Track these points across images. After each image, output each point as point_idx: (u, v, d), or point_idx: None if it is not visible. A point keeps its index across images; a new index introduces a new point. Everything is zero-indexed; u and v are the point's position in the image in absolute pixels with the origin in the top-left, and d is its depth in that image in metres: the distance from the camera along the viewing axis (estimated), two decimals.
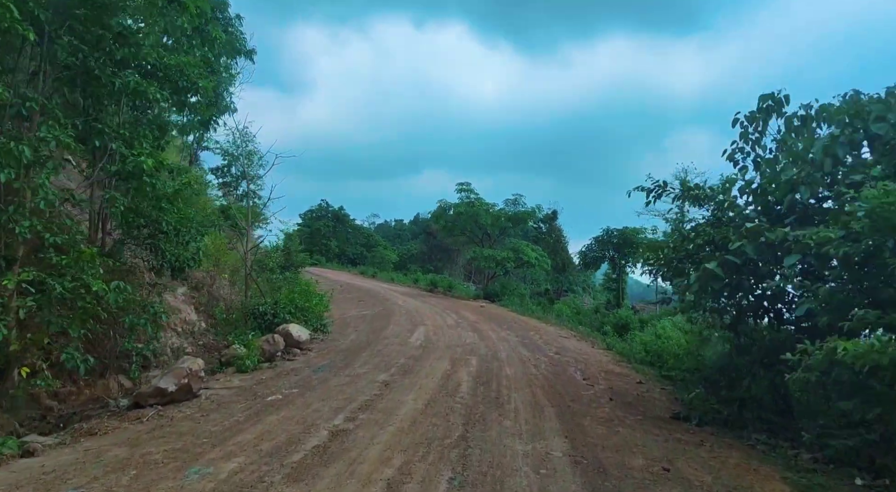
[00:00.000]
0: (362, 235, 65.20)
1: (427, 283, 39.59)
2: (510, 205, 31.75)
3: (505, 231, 32.70)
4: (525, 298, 27.91)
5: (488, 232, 32.14)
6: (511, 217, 31.60)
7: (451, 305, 25.97)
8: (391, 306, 23.41)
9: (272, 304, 13.94)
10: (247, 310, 13.72)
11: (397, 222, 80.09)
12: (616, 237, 25.66)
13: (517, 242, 31.41)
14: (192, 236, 10.53)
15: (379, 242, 66.19)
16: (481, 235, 32.45)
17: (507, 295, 29.63)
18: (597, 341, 16.60)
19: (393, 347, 13.04)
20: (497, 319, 21.16)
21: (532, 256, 30.27)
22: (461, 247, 40.37)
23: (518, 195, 31.54)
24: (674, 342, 12.91)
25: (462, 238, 35.02)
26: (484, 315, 22.15)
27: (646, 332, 19.32)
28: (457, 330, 16.81)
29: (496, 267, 30.09)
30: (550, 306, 30.44)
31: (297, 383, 9.24)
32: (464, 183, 32.08)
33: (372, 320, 18.80)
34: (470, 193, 32.02)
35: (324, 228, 62.14)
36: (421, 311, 22.10)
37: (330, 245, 61.22)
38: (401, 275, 47.94)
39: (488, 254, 29.33)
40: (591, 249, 26.99)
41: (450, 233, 33.70)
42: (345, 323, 18.08)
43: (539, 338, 16.36)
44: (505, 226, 31.83)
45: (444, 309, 23.46)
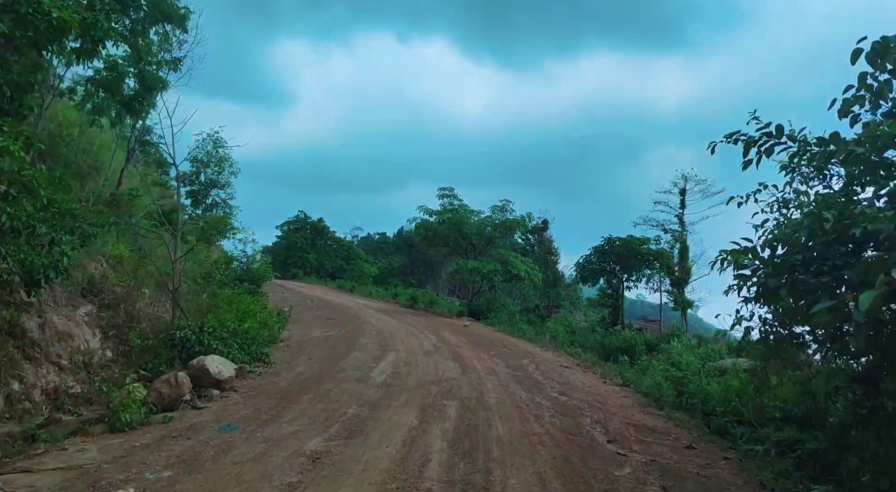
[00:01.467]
0: (343, 248, 62.30)
1: (407, 298, 36.60)
2: (497, 212, 28.72)
3: (492, 241, 29.67)
4: (514, 316, 24.85)
5: (473, 242, 29.08)
6: (498, 225, 28.59)
7: (432, 323, 22.87)
8: (362, 326, 20.30)
9: (196, 328, 10.74)
10: (166, 335, 10.52)
11: (381, 236, 77.30)
12: (619, 247, 22.72)
13: (505, 252, 28.40)
14: (57, 237, 7.39)
15: (359, 255, 63.18)
16: (466, 246, 29.40)
17: (494, 312, 26.58)
18: (607, 373, 13.52)
19: (347, 386, 9.88)
20: (483, 341, 18.06)
21: (522, 268, 27.27)
22: (444, 259, 37.35)
23: (506, 201, 28.58)
24: (709, 378, 9.90)
25: (445, 249, 31.94)
26: (468, 336, 19.05)
27: (657, 358, 16.41)
28: (434, 358, 13.68)
29: (482, 281, 27.02)
30: (542, 325, 27.45)
31: (181, 456, 6.03)
32: (446, 188, 29.10)
33: (335, 344, 15.65)
34: (453, 199, 29.01)
35: (301, 240, 59.13)
36: (395, 332, 18.97)
37: (308, 258, 58.35)
38: (381, 289, 45.07)
39: (473, 266, 26.26)
40: (589, 260, 24.01)
41: (431, 243, 30.58)
42: (300, 348, 14.94)
43: (535, 368, 13.27)
44: (492, 235, 28.79)
45: (422, 329, 20.35)
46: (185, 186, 43.14)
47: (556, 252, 35.81)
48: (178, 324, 10.79)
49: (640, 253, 22.23)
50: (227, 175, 44.98)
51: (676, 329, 20.87)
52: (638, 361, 17.33)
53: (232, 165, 46.61)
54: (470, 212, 28.78)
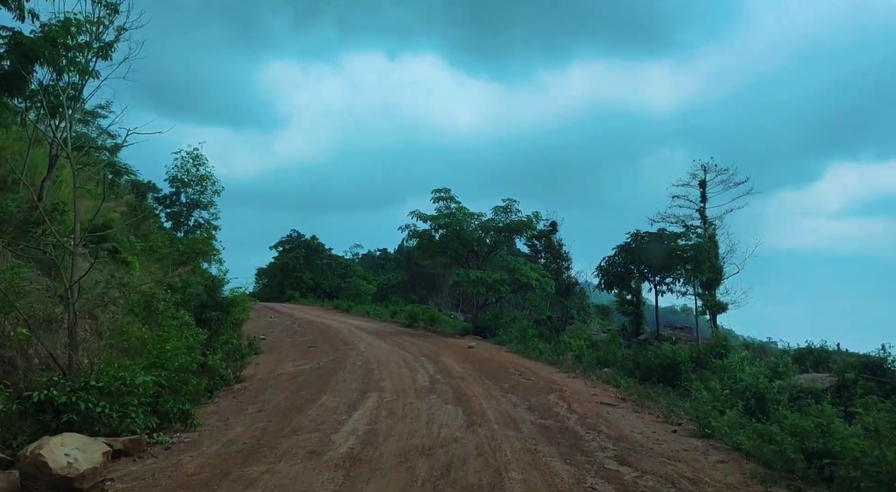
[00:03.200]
0: (340, 267, 59.02)
1: (406, 316, 33.11)
2: (500, 214, 25.18)
3: (496, 247, 26.14)
4: (527, 332, 21.23)
5: (475, 249, 25.51)
6: (503, 229, 25.04)
7: (431, 346, 19.31)
8: (347, 354, 16.87)
9: (77, 384, 7.20)
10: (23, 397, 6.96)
11: (381, 252, 74.19)
12: (650, 244, 18.96)
13: (512, 259, 24.83)
14: None
15: (357, 272, 59.82)
16: (467, 254, 25.85)
17: (503, 328, 22.97)
18: (671, 414, 9.85)
19: (288, 468, 6.30)
20: (493, 368, 14.48)
21: (532, 276, 23.67)
22: (443, 270, 33.83)
23: (510, 201, 24.99)
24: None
25: (444, 259, 28.39)
26: (474, 362, 15.48)
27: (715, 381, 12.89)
28: (429, 400, 10.10)
29: (487, 292, 23.44)
30: (557, 340, 23.86)
31: None
32: (442, 190, 25.56)
33: (304, 384, 12.21)
34: (450, 202, 25.49)
35: (295, 260, 55.86)
36: (385, 360, 15.46)
37: (303, 278, 55.28)
38: (379, 308, 41.58)
39: (476, 276, 22.67)
40: (613, 262, 20.30)
41: (428, 253, 27.04)
42: (258, 391, 11.52)
43: (567, 410, 9.68)
44: (496, 240, 25.23)
45: (418, 355, 16.80)
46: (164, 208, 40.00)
47: (568, 257, 32.11)
48: (38, 379, 7.24)
49: (676, 249, 18.60)
50: (209, 194, 41.82)
51: (723, 339, 17.26)
52: (687, 383, 13.80)
53: (214, 183, 43.13)
54: (470, 215, 25.27)
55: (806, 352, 17.27)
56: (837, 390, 12.20)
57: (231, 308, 18.65)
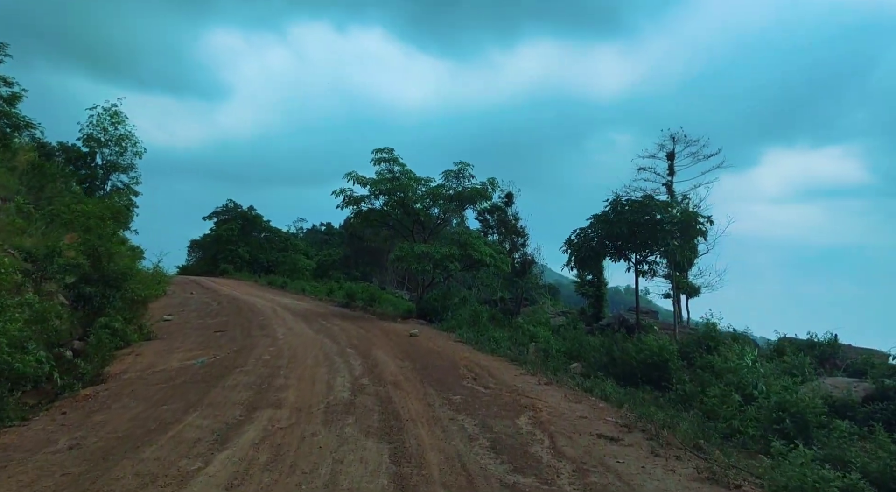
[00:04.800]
0: (279, 240, 54.96)
1: (343, 295, 29.76)
2: (452, 179, 21.81)
3: (446, 218, 22.85)
4: (480, 316, 18.06)
5: (421, 219, 22.15)
6: (455, 197, 21.71)
7: (365, 333, 15.96)
8: (257, 343, 13.45)
9: None
10: None
11: (326, 226, 70.16)
12: (631, 214, 15.69)
13: (464, 232, 21.58)
14: None
15: (298, 247, 55.94)
16: (412, 225, 22.47)
17: (452, 310, 19.80)
18: (715, 463, 6.67)
19: None
20: (439, 369, 11.20)
21: (486, 252, 20.50)
22: (385, 244, 30.40)
23: (463, 164, 21.59)
24: None
25: (386, 231, 24.89)
26: (415, 357, 12.21)
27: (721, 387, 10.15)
28: (341, 431, 6.74)
29: (434, 270, 20.15)
30: (513, 324, 20.90)
31: None
32: (384, 149, 21.95)
33: (177, 389, 8.75)
34: (393, 164, 21.94)
35: (228, 232, 51.47)
36: (301, 355, 12.06)
37: (238, 252, 51.06)
38: (317, 284, 37.91)
39: (421, 251, 19.30)
40: (586, 237, 17.03)
41: (366, 223, 23.48)
42: (113, 398, 8.21)
43: (551, 448, 6.51)
44: (446, 209, 21.88)
45: (347, 345, 13.47)
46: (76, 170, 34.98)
47: (525, 232, 29.08)
48: None
49: (665, 221, 15.60)
50: (129, 156, 37.00)
51: (712, 329, 14.54)
52: (679, 385, 11.00)
53: (136, 144, 38.03)
54: (416, 181, 21.81)
55: (808, 346, 14.76)
56: (876, 400, 9.53)
57: (122, 283, 14.73)
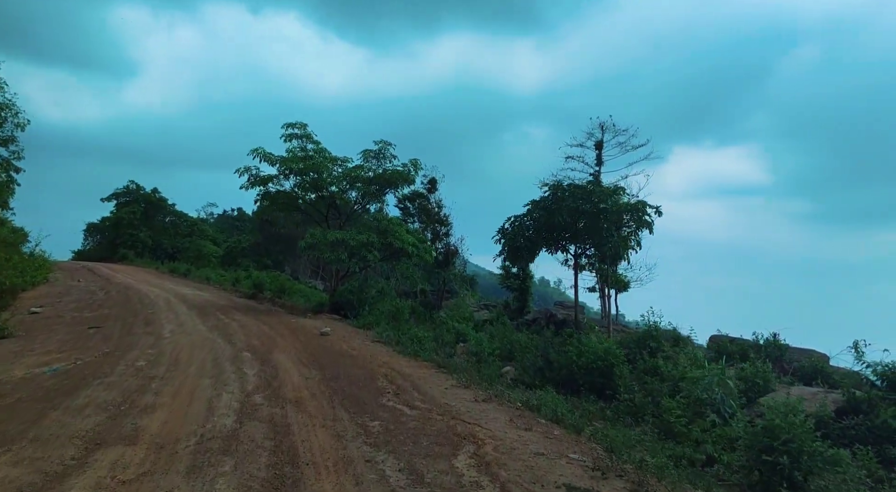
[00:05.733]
0: (185, 225, 51.44)
1: (250, 285, 27.26)
2: (371, 160, 19.79)
3: (364, 203, 20.83)
4: (402, 313, 16.24)
5: (337, 203, 20.03)
6: (375, 180, 19.72)
7: (269, 331, 13.81)
8: (136, 343, 11.22)
9: None
10: None
11: (238, 212, 66.24)
12: (573, 200, 14.05)
13: (384, 218, 19.65)
14: None
15: (206, 233, 52.51)
16: (327, 210, 20.33)
17: (369, 305, 17.88)
18: None
19: None
20: (353, 381, 9.26)
21: (409, 240, 18.70)
22: (297, 230, 28.00)
23: (384, 144, 19.60)
24: None
25: (298, 216, 22.59)
26: (324, 364, 10.23)
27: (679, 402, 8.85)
28: (210, 486, 4.82)
29: (350, 259, 18.11)
30: (435, 319, 19.29)
31: None
32: (296, 124, 19.62)
33: (3, 413, 6.35)
34: (306, 141, 19.68)
35: (130, 216, 47.52)
36: (186, 360, 9.87)
37: (139, 236, 47.42)
38: (224, 273, 35.39)
39: (335, 238, 17.22)
40: (521, 225, 15.36)
41: (275, 206, 21.09)
42: None
43: None
44: (365, 193, 19.85)
45: (244, 347, 11.33)
46: None
47: (448, 221, 27.44)
48: None
49: (608, 210, 14.19)
50: (10, 128, 32.57)
51: (653, 328, 13.42)
52: (627, 395, 9.67)
53: (17, 115, 33.71)
54: (332, 160, 19.65)
55: (753, 347, 13.93)
56: (849, 414, 8.49)
57: None
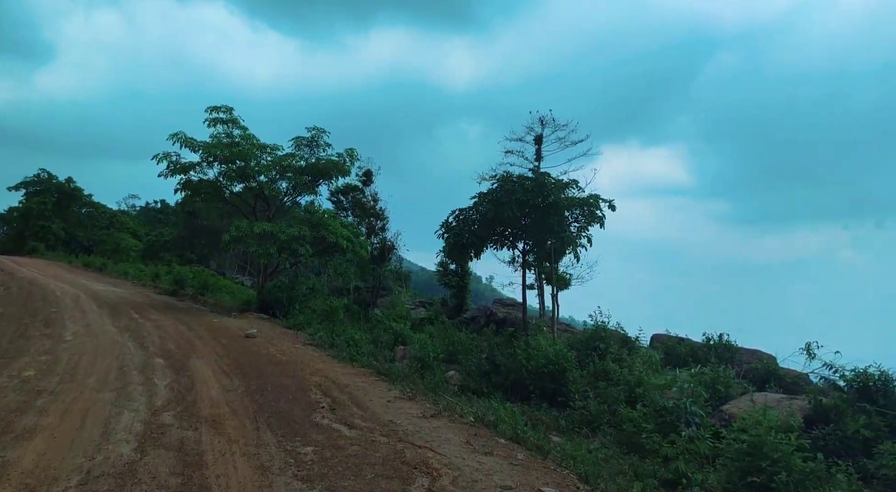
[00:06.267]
0: (103, 217, 48.73)
1: (171, 281, 25.43)
2: (303, 148, 18.51)
3: (295, 194, 19.52)
4: (336, 312, 15.13)
5: (265, 194, 18.65)
6: (307, 169, 18.45)
7: (187, 333, 12.44)
8: (27, 348, 9.80)
9: None
10: None
11: (163, 204, 62.72)
12: (523, 193, 13.32)
13: (317, 211, 18.40)
14: None
15: (126, 225, 49.87)
16: (254, 201, 18.93)
17: (300, 303, 16.66)
18: None
19: None
20: (282, 393, 8.11)
21: (343, 235, 17.58)
22: (222, 222, 26.24)
23: (317, 131, 18.36)
24: None
25: (223, 207, 20.99)
26: (248, 373, 9.02)
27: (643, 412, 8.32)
28: None
29: (279, 254, 16.80)
30: (371, 318, 18.34)
31: None
32: (222, 107, 18.11)
33: None
34: (232, 126, 18.21)
35: (40, 206, 44.36)
36: (86, 369, 8.52)
37: (52, 228, 44.42)
38: (144, 268, 33.52)
39: (263, 230, 15.92)
40: (467, 219, 14.44)
41: (197, 195, 19.46)
42: None
43: None
44: (296, 183, 18.56)
45: (157, 352, 10.00)
46: None
47: (384, 215, 26.38)
48: None
49: (558, 204, 13.48)
50: None
51: (601, 329, 12.92)
52: (580, 403, 9.04)
53: None
54: (260, 147, 18.27)
55: (705, 348, 13.64)
56: (817, 423, 8.07)
57: None
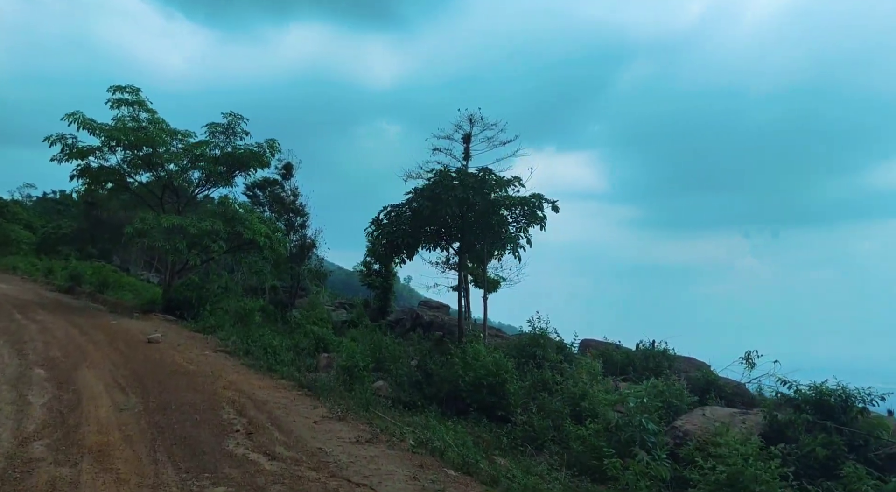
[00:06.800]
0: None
1: (66, 277, 23.42)
2: (219, 135, 17.15)
3: (209, 185, 18.09)
4: (252, 316, 13.97)
5: (174, 184, 17.15)
6: (223, 159, 17.10)
7: (78, 337, 11.01)
8: None
9: None
10: None
11: (63, 195, 57.68)
12: (462, 189, 12.46)
13: (233, 204, 17.06)
14: None
15: (17, 216, 46.21)
16: (162, 192, 17.37)
17: (212, 304, 15.34)
18: None
19: None
20: (190, 417, 7.03)
21: (261, 231, 16.39)
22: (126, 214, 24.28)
23: (234, 117, 17.03)
24: None
25: (128, 197, 19.23)
26: (150, 390, 7.83)
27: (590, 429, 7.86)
28: None
29: (189, 251, 15.41)
30: (289, 321, 17.32)
31: None
32: (127, 87, 16.45)
33: None
34: (139, 108, 16.60)
35: None
36: None
37: None
38: (37, 262, 32.69)
39: (171, 223, 14.53)
40: (398, 218, 13.49)
41: (99, 184, 17.68)
42: None
43: None
44: (210, 173, 17.15)
45: (36, 362, 8.66)
46: None
47: (305, 211, 25.07)
48: None
49: (498, 202, 12.86)
50: None
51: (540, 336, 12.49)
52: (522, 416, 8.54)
53: None
54: (170, 133, 16.77)
55: (641, 357, 13.46)
56: (773, 439, 7.78)
57: None
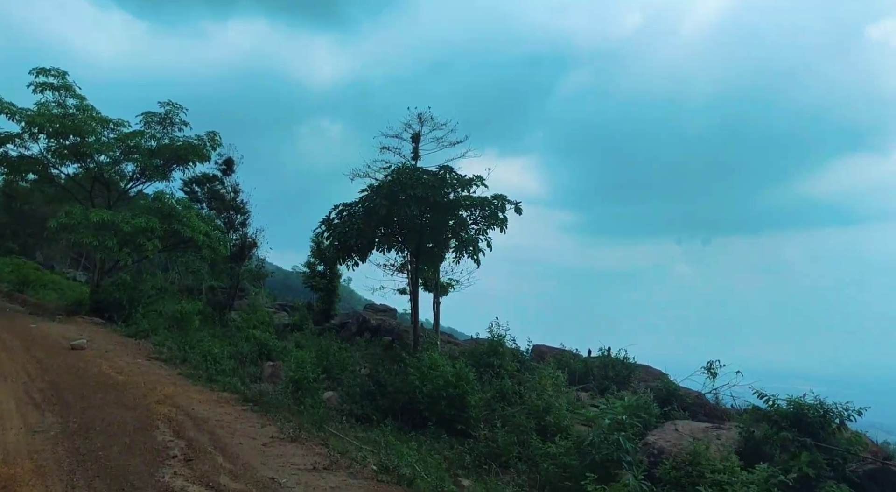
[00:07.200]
0: None
1: None
2: (155, 126, 16.07)
3: (144, 178, 16.95)
4: (190, 319, 13.05)
5: (105, 177, 15.97)
6: (160, 151, 16.03)
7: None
8: None
9: None
10: None
11: None
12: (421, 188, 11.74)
13: (170, 199, 15.98)
14: None
15: None
16: (91, 185, 16.16)
17: (144, 306, 14.32)
18: None
19: None
20: (118, 441, 6.24)
21: (199, 228, 15.43)
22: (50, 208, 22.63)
23: (172, 107, 15.98)
24: None
25: (53, 190, 17.83)
26: (71, 407, 6.96)
27: None
28: None
29: (119, 249, 14.31)
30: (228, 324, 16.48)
31: None
32: (52, 70, 15.18)
33: None
34: (66, 94, 15.35)
35: None
36: None
37: None
38: None
39: (101, 219, 13.45)
40: (351, 217, 12.69)
41: (18, 174, 16.30)
42: None
43: None
44: (145, 166, 16.05)
45: None
46: None
47: (246, 209, 23.99)
48: None
49: (459, 202, 12.31)
50: None
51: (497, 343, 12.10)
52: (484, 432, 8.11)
53: None
54: (101, 122, 15.60)
55: (600, 365, 13.23)
56: (748, 455, 7.50)
57: None
